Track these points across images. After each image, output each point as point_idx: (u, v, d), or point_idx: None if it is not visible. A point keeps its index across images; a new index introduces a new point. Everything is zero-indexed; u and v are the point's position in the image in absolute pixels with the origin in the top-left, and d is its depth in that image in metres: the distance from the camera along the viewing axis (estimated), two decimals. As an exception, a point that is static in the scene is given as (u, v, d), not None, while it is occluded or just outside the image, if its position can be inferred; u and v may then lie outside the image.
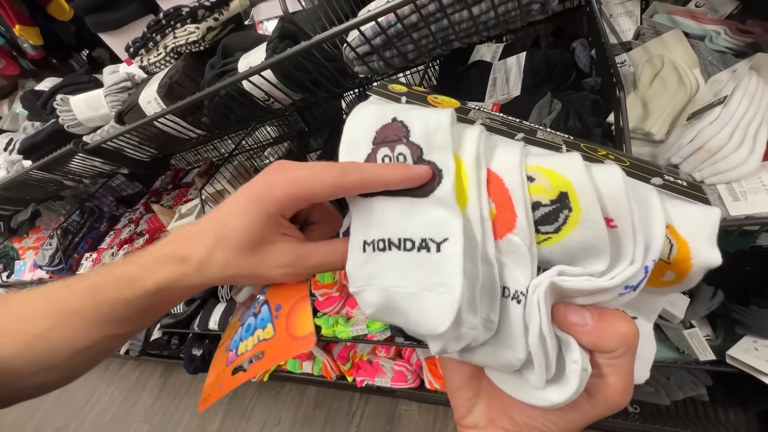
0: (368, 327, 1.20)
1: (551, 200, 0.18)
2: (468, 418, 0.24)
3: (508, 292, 0.19)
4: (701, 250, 0.18)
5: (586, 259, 0.18)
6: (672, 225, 0.18)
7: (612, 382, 0.19)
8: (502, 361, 0.20)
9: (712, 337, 0.78)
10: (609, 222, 0.17)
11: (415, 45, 0.45)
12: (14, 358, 0.28)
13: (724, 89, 0.50)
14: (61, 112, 0.77)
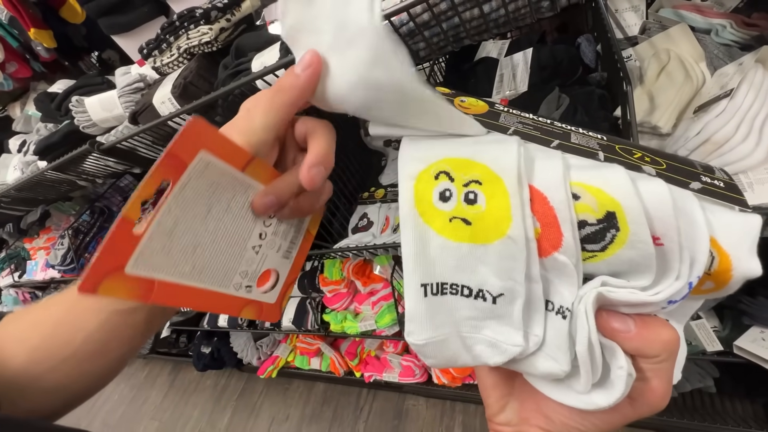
0: (377, 322, 1.21)
1: (598, 219, 0.18)
2: (500, 416, 0.24)
3: (552, 306, 0.20)
4: (742, 261, 0.18)
5: (632, 274, 0.19)
6: (714, 237, 0.18)
7: (654, 385, 0.19)
8: (545, 371, 0.20)
9: (719, 329, 0.79)
10: (656, 240, 0.18)
11: (426, 43, 0.46)
12: (37, 350, 0.29)
13: (731, 82, 0.51)
14: (76, 114, 0.78)
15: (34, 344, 0.29)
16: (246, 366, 2.01)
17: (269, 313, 0.27)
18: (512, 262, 0.19)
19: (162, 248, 0.20)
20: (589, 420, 0.21)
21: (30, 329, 0.30)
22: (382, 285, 1.26)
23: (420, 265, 0.20)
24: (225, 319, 1.52)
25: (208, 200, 0.22)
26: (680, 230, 0.17)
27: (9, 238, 2.16)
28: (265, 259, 0.26)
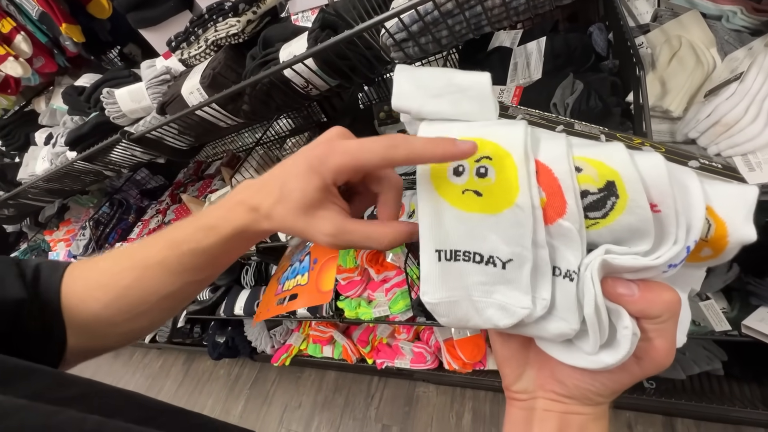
0: (390, 308, 1.25)
1: (599, 188, 0.20)
2: (517, 384, 0.26)
3: (559, 272, 0.21)
4: (737, 228, 0.19)
5: (632, 240, 0.20)
6: (710, 206, 0.19)
7: (658, 344, 0.20)
8: (556, 333, 0.21)
9: (727, 310, 0.81)
10: (653, 207, 0.19)
11: (449, 31, 0.48)
12: (109, 308, 0.33)
13: (740, 66, 0.53)
14: (107, 105, 0.82)
15: (104, 302, 0.33)
16: (258, 355, 2.06)
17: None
18: (520, 229, 0.21)
19: None
20: (599, 380, 0.22)
21: (99, 290, 0.33)
22: (395, 272, 1.29)
23: (434, 233, 0.23)
24: (241, 307, 1.57)
25: None
26: (676, 197, 0.19)
27: (29, 231, 2.23)
28: None
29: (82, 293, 0.33)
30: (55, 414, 0.19)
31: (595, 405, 0.24)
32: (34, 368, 0.22)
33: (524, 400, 0.26)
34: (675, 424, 1.22)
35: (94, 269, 0.34)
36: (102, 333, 0.34)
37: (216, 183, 1.50)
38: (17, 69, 1.01)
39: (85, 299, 0.33)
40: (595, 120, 0.61)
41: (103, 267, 0.34)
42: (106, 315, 0.33)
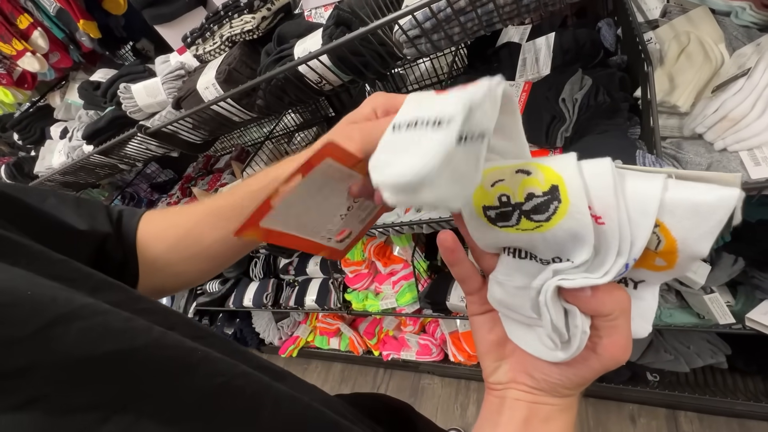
0: (397, 300, 1.27)
1: (543, 192, 0.20)
2: (493, 377, 0.28)
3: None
4: (689, 245, 0.19)
5: (574, 247, 0.20)
6: (663, 223, 0.19)
7: (614, 340, 0.22)
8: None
9: (732, 303, 0.82)
10: (597, 219, 0.19)
11: (461, 27, 0.50)
12: (174, 247, 0.39)
13: (748, 62, 0.54)
14: (123, 99, 0.84)
15: (170, 242, 0.38)
16: (266, 347, 2.09)
17: (337, 255, 0.35)
18: None
19: (283, 213, 0.29)
20: (565, 375, 0.24)
21: (167, 230, 0.39)
22: (402, 265, 1.31)
23: None
24: (250, 299, 1.60)
25: (322, 185, 0.29)
26: (621, 208, 0.19)
27: (41, 223, 2.27)
28: (345, 223, 0.34)
29: (154, 233, 0.38)
30: (131, 320, 0.23)
31: (562, 397, 0.26)
32: (116, 283, 0.27)
33: (498, 390, 0.28)
34: (678, 417, 1.23)
35: (166, 214, 0.40)
36: (165, 271, 0.39)
37: (225, 177, 1.53)
38: (34, 64, 1.04)
39: (156, 238, 0.38)
40: (603, 115, 0.62)
41: (175, 212, 0.41)
42: (171, 253, 0.39)
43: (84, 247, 0.33)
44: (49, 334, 0.19)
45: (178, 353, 0.24)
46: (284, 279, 1.65)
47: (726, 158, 0.55)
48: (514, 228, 0.22)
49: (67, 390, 0.19)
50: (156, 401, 0.21)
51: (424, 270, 1.26)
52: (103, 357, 0.20)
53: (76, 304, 0.21)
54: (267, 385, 0.28)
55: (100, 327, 0.21)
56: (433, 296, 1.15)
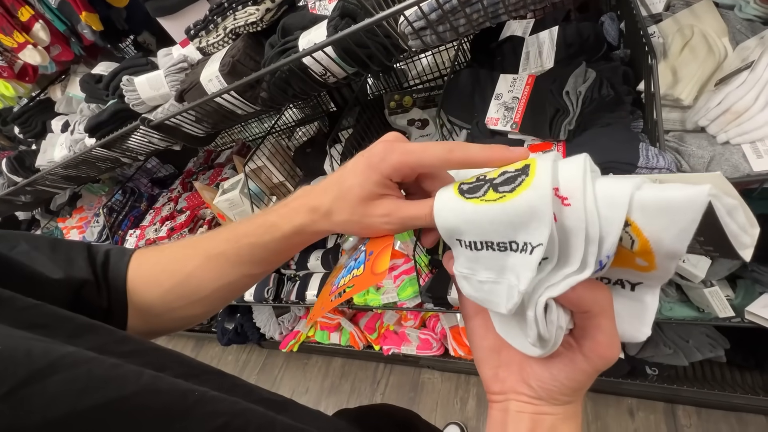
0: (399, 294, 1.27)
1: (516, 169, 0.22)
2: (493, 386, 0.28)
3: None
4: (664, 245, 0.19)
5: (531, 223, 0.20)
6: (635, 224, 0.19)
7: (599, 339, 0.22)
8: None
9: (732, 297, 0.83)
10: (563, 200, 0.20)
11: (467, 19, 0.50)
12: (170, 293, 0.36)
13: (752, 55, 0.54)
14: (126, 92, 0.84)
15: (166, 287, 0.36)
16: (266, 342, 2.10)
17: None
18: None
19: None
20: (558, 379, 0.24)
21: (162, 274, 0.36)
22: (403, 260, 1.31)
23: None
24: (251, 293, 1.60)
25: None
26: (586, 193, 0.19)
27: (41, 218, 2.27)
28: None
29: (147, 277, 0.36)
30: (117, 367, 0.21)
31: (563, 404, 0.25)
32: (97, 324, 0.25)
33: (500, 401, 0.28)
34: (676, 410, 1.25)
35: (159, 255, 0.37)
36: (159, 317, 0.36)
37: (227, 171, 1.53)
38: (36, 57, 1.03)
39: (149, 283, 0.36)
40: (606, 108, 0.62)
41: (168, 254, 0.37)
42: (166, 300, 0.36)
43: (58, 297, 0.30)
44: (24, 394, 0.17)
45: (173, 398, 0.22)
46: (285, 274, 1.65)
47: (728, 151, 0.55)
48: (479, 199, 0.23)
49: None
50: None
51: (426, 264, 1.27)
52: (89, 412, 0.18)
53: (53, 355, 0.19)
54: (271, 420, 0.26)
55: (83, 378, 0.19)
56: (435, 290, 1.16)
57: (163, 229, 1.46)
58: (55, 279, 0.30)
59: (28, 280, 0.29)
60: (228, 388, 0.27)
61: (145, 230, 1.53)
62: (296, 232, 0.31)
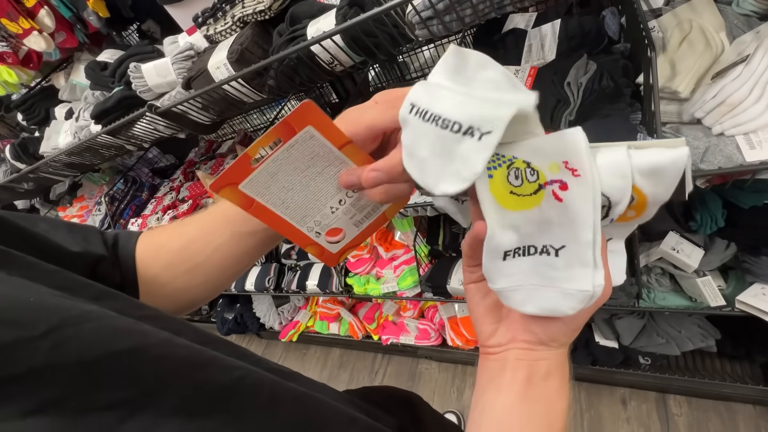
0: (398, 284, 1.29)
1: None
2: (491, 339, 0.29)
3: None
4: (657, 197, 0.23)
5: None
6: (635, 184, 0.23)
7: None
8: None
9: (723, 287, 0.85)
10: (573, 172, 0.23)
11: (473, 9, 0.51)
12: (173, 260, 0.37)
13: (747, 49, 0.56)
14: (134, 79, 0.85)
15: (166, 260, 0.37)
16: (265, 332, 2.12)
17: (328, 258, 0.34)
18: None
19: (265, 182, 0.28)
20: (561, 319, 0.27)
21: (162, 248, 0.38)
22: (403, 250, 1.33)
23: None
24: (252, 283, 1.62)
25: (307, 162, 0.29)
26: (591, 164, 0.23)
27: (41, 207, 2.27)
28: (337, 219, 0.32)
29: (153, 249, 0.37)
30: (138, 324, 0.22)
31: (558, 348, 0.28)
32: (117, 293, 0.26)
33: (498, 353, 0.29)
34: (668, 400, 1.28)
35: (165, 229, 0.40)
36: (165, 287, 0.37)
37: (228, 161, 1.54)
38: (41, 43, 1.04)
39: (156, 253, 0.37)
40: (606, 99, 0.64)
41: (173, 227, 0.40)
42: (170, 267, 0.37)
43: (78, 269, 0.31)
44: (60, 336, 0.18)
45: (190, 352, 0.23)
46: (286, 264, 1.67)
47: (723, 142, 0.57)
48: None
49: (83, 391, 0.18)
50: (174, 398, 0.20)
51: (425, 255, 1.29)
52: (118, 355, 0.19)
53: (82, 309, 0.20)
54: (282, 384, 0.27)
55: (110, 327, 0.20)
56: (434, 280, 1.18)
57: (165, 218, 1.47)
58: (75, 252, 0.32)
59: (50, 252, 0.30)
60: (239, 356, 0.28)
61: (147, 219, 1.54)
62: None
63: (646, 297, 0.91)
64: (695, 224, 0.82)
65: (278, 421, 0.24)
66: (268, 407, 0.24)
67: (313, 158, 0.28)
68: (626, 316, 1.09)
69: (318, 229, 0.32)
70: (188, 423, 0.20)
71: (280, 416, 0.25)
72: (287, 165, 0.28)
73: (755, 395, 1.12)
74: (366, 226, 0.34)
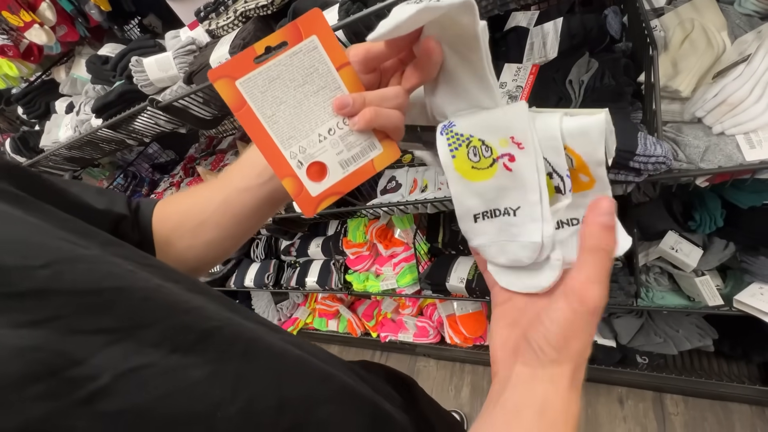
0: (398, 282, 1.30)
1: None
2: (498, 353, 0.28)
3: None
4: (591, 155, 0.26)
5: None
6: (568, 146, 0.26)
7: (577, 275, 0.24)
8: None
9: (721, 287, 0.86)
10: (519, 145, 0.27)
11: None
12: (183, 218, 0.41)
13: (749, 49, 0.56)
14: (135, 73, 0.85)
15: (176, 220, 0.41)
16: (265, 329, 2.12)
17: (304, 201, 0.32)
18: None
19: (262, 86, 0.28)
20: (545, 325, 0.25)
21: (174, 210, 0.42)
22: (403, 248, 1.34)
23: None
24: (251, 279, 1.62)
25: (305, 77, 0.29)
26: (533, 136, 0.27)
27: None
28: (323, 152, 0.31)
29: (168, 210, 0.41)
30: (133, 272, 0.25)
31: (550, 363, 0.24)
32: (126, 243, 0.29)
33: (498, 372, 0.28)
34: (664, 399, 1.28)
35: (178, 195, 0.44)
36: (176, 244, 0.41)
37: (229, 158, 1.54)
38: (42, 36, 1.04)
39: (170, 213, 0.41)
40: (607, 98, 0.64)
41: (186, 190, 0.44)
42: (180, 224, 0.41)
43: (102, 225, 0.34)
44: (57, 268, 0.21)
45: (177, 298, 0.25)
46: (285, 260, 1.67)
47: (723, 141, 0.58)
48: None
49: (73, 315, 0.20)
50: (156, 333, 0.23)
51: (425, 253, 1.29)
52: (107, 291, 0.22)
53: (79, 252, 0.23)
54: (261, 339, 0.28)
55: (103, 269, 0.23)
56: (434, 277, 1.18)
57: (165, 213, 1.47)
58: (100, 209, 0.36)
59: (79, 207, 0.34)
60: (231, 309, 0.29)
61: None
62: None
63: (644, 296, 0.92)
64: (694, 224, 0.82)
65: (251, 369, 0.26)
66: (243, 356, 0.26)
67: (311, 74, 0.29)
68: (624, 315, 1.10)
69: (301, 157, 0.31)
70: (168, 356, 0.22)
71: (254, 365, 0.26)
72: (286, 74, 0.28)
73: (752, 395, 1.12)
74: (351, 170, 0.32)
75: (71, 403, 0.18)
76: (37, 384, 0.18)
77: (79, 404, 0.18)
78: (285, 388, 0.27)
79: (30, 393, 0.17)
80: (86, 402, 0.19)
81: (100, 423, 0.19)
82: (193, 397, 0.22)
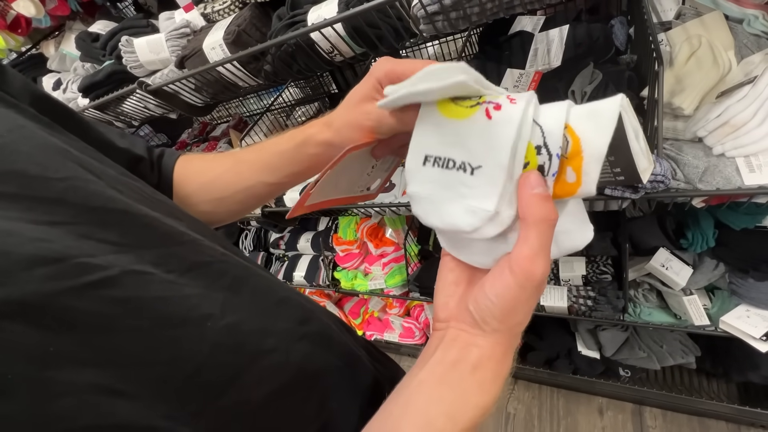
0: (386, 282, 1.28)
1: None
2: (439, 314, 0.28)
3: None
4: (590, 141, 0.22)
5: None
6: (570, 125, 0.23)
7: (521, 250, 0.23)
8: None
9: (708, 306, 0.86)
10: (512, 101, 0.24)
11: (480, 8, 0.49)
12: (201, 188, 0.44)
13: (755, 70, 0.55)
14: (125, 53, 0.81)
15: (199, 183, 0.43)
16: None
17: (370, 197, 0.40)
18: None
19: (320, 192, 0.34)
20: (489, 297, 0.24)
21: (198, 173, 0.44)
22: (393, 248, 1.32)
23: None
24: (238, 270, 1.59)
25: (348, 164, 0.33)
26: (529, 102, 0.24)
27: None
28: (373, 177, 0.38)
29: (188, 173, 0.43)
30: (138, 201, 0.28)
31: (491, 334, 0.25)
32: (138, 179, 0.32)
33: (441, 329, 0.28)
34: (644, 412, 1.29)
35: (202, 158, 0.46)
36: (191, 208, 0.43)
37: (222, 145, 1.50)
38: (30, 8, 0.99)
39: (189, 177, 0.43)
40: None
41: (208, 158, 0.46)
42: (198, 193, 0.43)
43: (121, 162, 0.36)
44: (72, 184, 0.24)
45: (173, 230, 0.29)
46: (274, 253, 1.65)
47: (722, 163, 0.57)
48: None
49: (86, 225, 0.24)
50: (154, 253, 0.26)
51: (415, 254, 1.28)
52: (113, 211, 0.26)
53: (88, 178, 0.26)
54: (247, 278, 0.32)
55: (109, 194, 0.26)
56: (422, 280, 1.17)
57: (153, 198, 1.43)
58: (120, 147, 0.39)
59: (101, 143, 0.36)
60: (224, 247, 0.32)
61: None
62: (304, 142, 0.36)
63: (632, 311, 0.91)
64: (686, 242, 0.82)
65: (237, 301, 0.29)
66: (229, 289, 0.29)
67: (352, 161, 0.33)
68: (610, 328, 1.10)
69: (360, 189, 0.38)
70: (164, 274, 0.25)
71: (239, 298, 0.29)
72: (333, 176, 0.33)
73: (729, 413, 1.13)
74: (392, 167, 0.38)
75: (78, 285, 0.21)
76: (45, 266, 0.20)
77: (85, 287, 0.21)
78: (267, 320, 0.31)
79: (37, 273, 0.19)
80: (94, 286, 0.21)
81: (100, 305, 0.21)
82: (187, 306, 0.25)
